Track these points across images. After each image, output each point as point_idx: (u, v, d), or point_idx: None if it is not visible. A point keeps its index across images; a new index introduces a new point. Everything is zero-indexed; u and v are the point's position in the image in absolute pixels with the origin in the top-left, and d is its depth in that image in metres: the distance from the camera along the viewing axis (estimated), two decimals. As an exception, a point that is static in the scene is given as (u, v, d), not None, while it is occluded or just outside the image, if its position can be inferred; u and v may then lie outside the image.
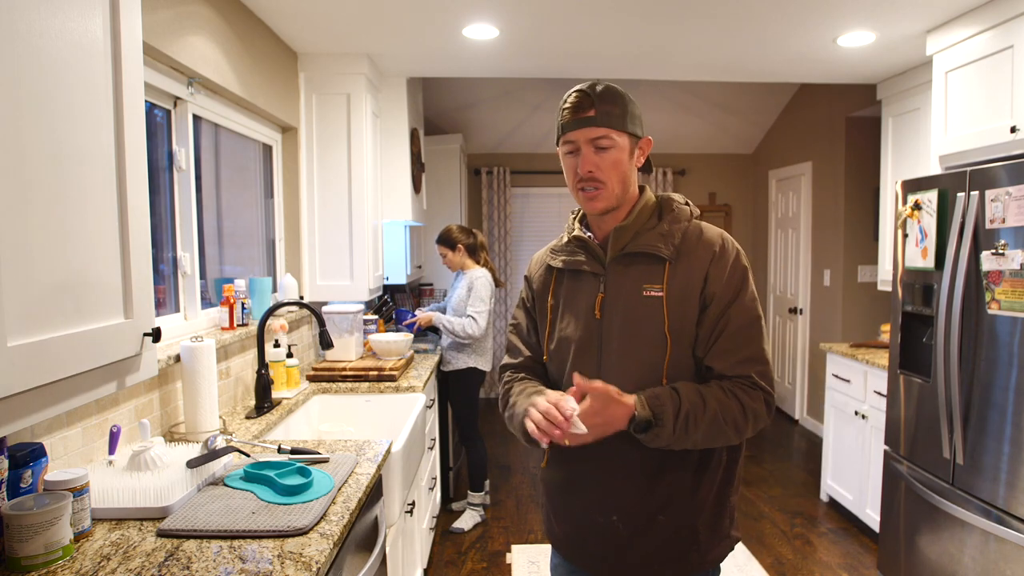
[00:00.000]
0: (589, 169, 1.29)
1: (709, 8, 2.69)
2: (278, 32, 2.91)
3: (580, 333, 1.36)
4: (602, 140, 1.28)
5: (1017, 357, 2.11)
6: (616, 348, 1.31)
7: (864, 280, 4.68)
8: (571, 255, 1.41)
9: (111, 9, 1.18)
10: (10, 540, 1.17)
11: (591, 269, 1.37)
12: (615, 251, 1.35)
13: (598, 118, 1.28)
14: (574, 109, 1.30)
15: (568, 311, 1.40)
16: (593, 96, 1.29)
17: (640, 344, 1.29)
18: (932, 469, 2.51)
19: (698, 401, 1.23)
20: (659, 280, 1.31)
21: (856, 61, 3.38)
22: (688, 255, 1.32)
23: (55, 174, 1.03)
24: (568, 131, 1.31)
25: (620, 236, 1.35)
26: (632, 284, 1.32)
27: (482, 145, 6.08)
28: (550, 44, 3.16)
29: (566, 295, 1.41)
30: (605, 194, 1.31)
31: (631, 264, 1.33)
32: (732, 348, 1.28)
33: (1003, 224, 2.15)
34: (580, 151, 1.30)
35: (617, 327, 1.32)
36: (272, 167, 3.14)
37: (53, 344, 1.01)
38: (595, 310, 1.35)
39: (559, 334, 1.40)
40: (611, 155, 1.29)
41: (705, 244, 1.33)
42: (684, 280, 1.30)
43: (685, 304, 1.29)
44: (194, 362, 1.95)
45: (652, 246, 1.32)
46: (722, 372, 1.29)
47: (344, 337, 3.17)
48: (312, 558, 1.23)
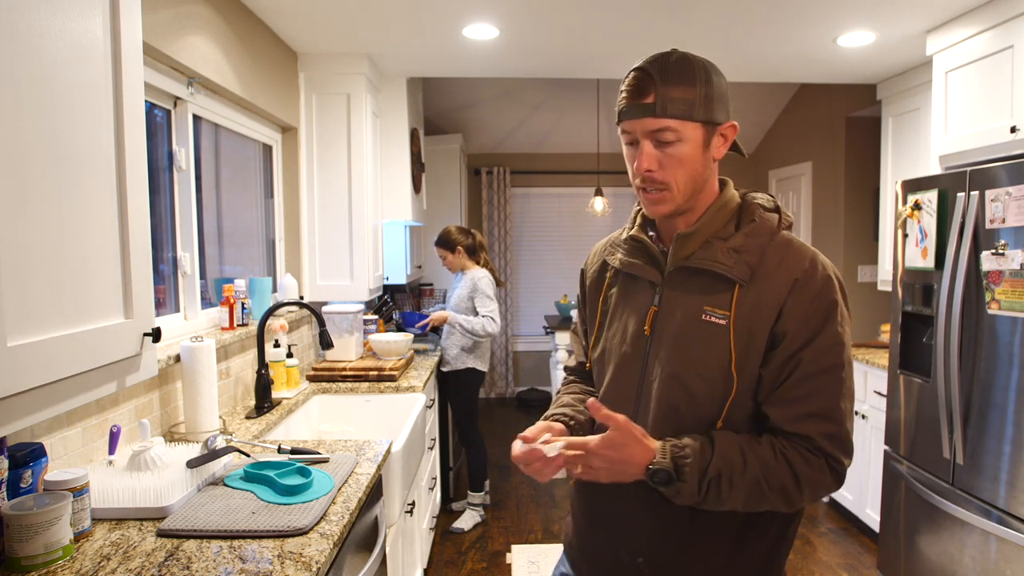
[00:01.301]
0: (648, 167, 1.07)
1: (709, 8, 2.69)
2: (278, 32, 2.91)
3: (626, 347, 1.17)
4: (664, 134, 1.05)
5: (1017, 357, 2.11)
6: (663, 375, 1.11)
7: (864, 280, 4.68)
8: (628, 255, 1.21)
9: (111, 9, 1.18)
10: (10, 540, 1.17)
11: (647, 276, 1.16)
12: (676, 261, 1.13)
13: (658, 106, 1.04)
14: (631, 92, 1.07)
15: (618, 318, 1.20)
16: (655, 76, 1.04)
17: (693, 378, 1.08)
18: (932, 469, 2.51)
19: (736, 460, 1.02)
20: (725, 305, 1.07)
21: (856, 61, 3.38)
22: (765, 279, 1.07)
23: (55, 174, 1.03)
24: (624, 119, 1.08)
25: (683, 244, 1.12)
26: (691, 303, 1.10)
27: (482, 145, 6.08)
28: (550, 44, 3.16)
29: (619, 298, 1.22)
30: (669, 197, 1.09)
31: (693, 279, 1.11)
32: (796, 398, 1.04)
33: (1003, 224, 2.15)
34: (638, 144, 1.08)
35: (667, 351, 1.11)
36: (272, 167, 3.14)
37: (53, 344, 1.01)
38: (645, 325, 1.14)
39: (604, 342, 1.23)
40: (677, 150, 1.06)
41: (787, 267, 1.07)
42: (754, 309, 1.06)
43: (752, 338, 1.06)
44: (194, 362, 1.95)
45: (718, 263, 1.08)
46: (778, 425, 1.06)
47: (344, 337, 3.17)
48: (312, 558, 1.23)
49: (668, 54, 1.07)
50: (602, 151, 6.00)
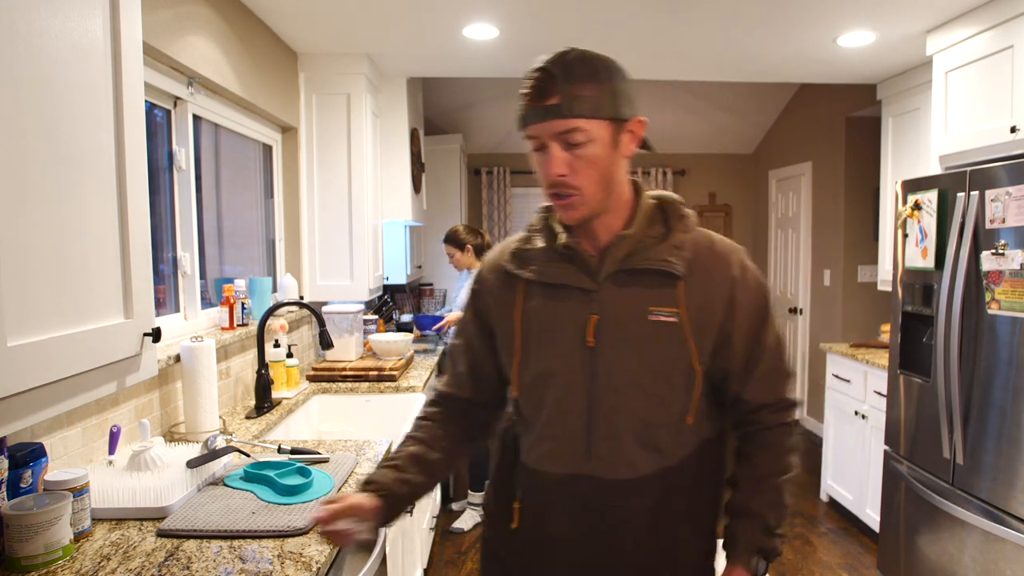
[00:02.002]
0: (559, 172, 1.03)
1: (709, 8, 2.68)
2: (278, 32, 2.91)
3: (565, 364, 1.11)
4: (572, 135, 1.01)
5: (1017, 357, 2.11)
6: (617, 384, 1.09)
7: (864, 280, 4.68)
8: (550, 264, 1.13)
9: (111, 9, 1.18)
10: (10, 540, 1.17)
11: (579, 284, 1.10)
12: (615, 265, 1.10)
13: (564, 106, 1.00)
14: (534, 94, 1.02)
15: (547, 334, 1.12)
16: (558, 75, 1.00)
17: (653, 380, 1.09)
18: (932, 469, 2.51)
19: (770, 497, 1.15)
20: (670, 302, 1.08)
21: (856, 61, 3.38)
22: (704, 272, 1.10)
23: (55, 174, 1.03)
24: (528, 123, 1.04)
25: (621, 246, 1.10)
26: (635, 305, 1.09)
27: (482, 145, 6.08)
28: (550, 44, 3.12)
29: (543, 314, 1.13)
30: (581, 201, 1.05)
31: (632, 281, 1.09)
32: (767, 373, 1.15)
33: (1003, 224, 2.15)
34: (547, 148, 1.04)
35: (616, 359, 1.09)
36: (272, 167, 3.14)
37: (53, 344, 1.01)
38: (587, 336, 1.09)
39: (535, 365, 1.13)
40: (586, 151, 1.02)
41: (721, 260, 1.12)
42: (703, 304, 1.09)
43: (706, 330, 1.10)
44: (194, 362, 1.95)
45: (665, 261, 1.08)
46: (760, 401, 1.16)
47: (344, 337, 3.17)
48: (312, 558, 1.23)
49: (566, 52, 1.03)
50: (602, 151, 6.00)
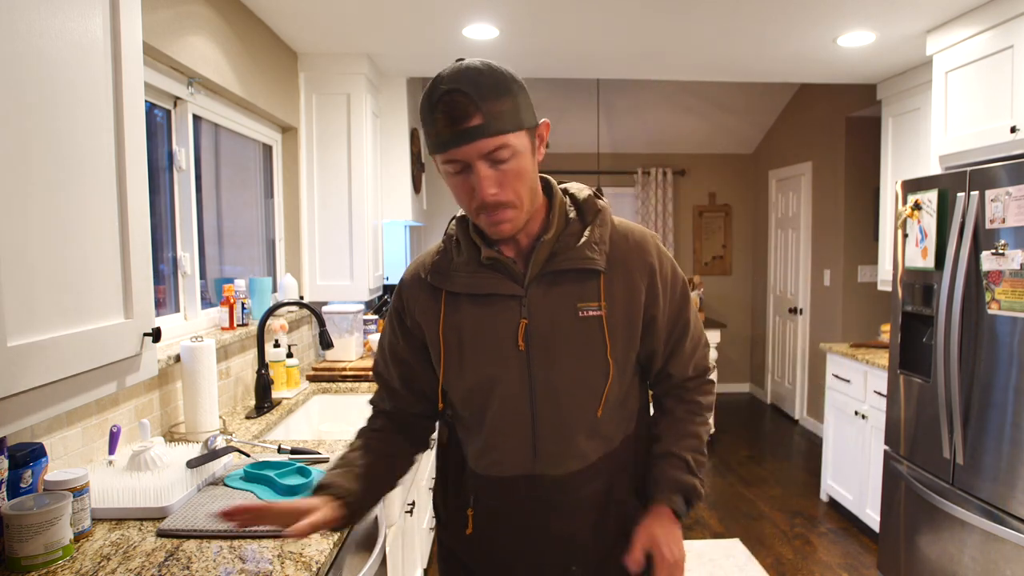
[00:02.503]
0: (492, 191, 1.00)
1: (709, 8, 2.69)
2: (278, 32, 2.91)
3: (502, 371, 1.11)
4: (500, 152, 0.99)
5: (1017, 357, 2.11)
6: (554, 381, 1.10)
7: (864, 280, 4.68)
8: (472, 275, 1.12)
9: (111, 9, 1.18)
10: (10, 540, 1.17)
11: (507, 291, 1.10)
12: (537, 267, 1.10)
13: (488, 125, 0.97)
14: (451, 118, 0.97)
15: (477, 343, 1.12)
16: (474, 95, 0.97)
17: (583, 373, 1.11)
18: (932, 469, 2.51)
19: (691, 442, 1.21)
20: (594, 296, 1.10)
21: (856, 61, 3.38)
22: (623, 263, 1.12)
23: (55, 174, 1.03)
24: (449, 148, 0.99)
25: (543, 251, 1.10)
26: (563, 305, 1.10)
27: (482, 145, 6.07)
28: (550, 44, 3.16)
29: (471, 323, 1.12)
30: (514, 215, 1.04)
31: (558, 281, 1.10)
32: (689, 350, 1.22)
33: (1003, 224, 2.15)
34: (471, 169, 1.00)
35: (551, 357, 1.10)
36: (272, 167, 3.14)
37: (53, 344, 1.01)
38: (517, 340, 1.09)
39: (471, 376, 1.13)
40: (513, 165, 1.01)
41: (637, 249, 1.15)
42: (624, 294, 1.11)
43: (628, 321, 1.12)
44: (194, 362, 1.95)
45: (588, 259, 1.09)
46: (683, 374, 1.24)
47: (344, 337, 3.17)
48: (312, 558, 1.23)
49: (465, 68, 0.99)
50: (602, 151, 6.00)
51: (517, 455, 1.14)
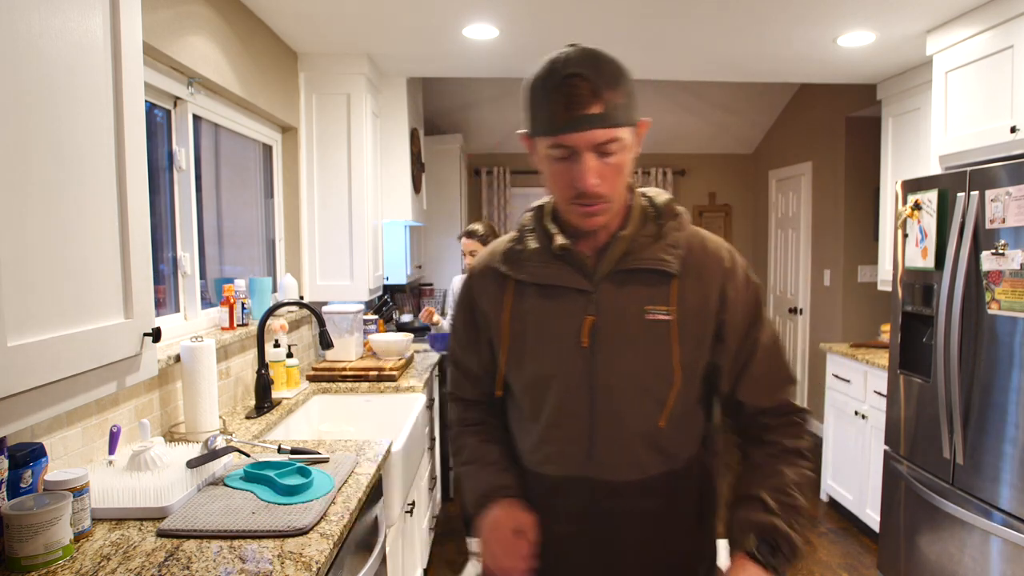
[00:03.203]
0: (594, 182, 0.99)
1: (710, 8, 2.68)
2: (278, 32, 2.91)
3: (563, 366, 1.09)
4: (610, 145, 0.97)
5: (1017, 357, 2.11)
6: (616, 383, 1.07)
7: (864, 280, 4.68)
8: (543, 265, 1.11)
9: (111, 9, 1.18)
10: (10, 540, 1.17)
11: (575, 285, 1.09)
12: (611, 265, 1.08)
13: (608, 115, 0.95)
14: (570, 103, 0.95)
15: (541, 336, 1.11)
16: (598, 82, 0.95)
17: (647, 379, 1.07)
18: (932, 469, 2.51)
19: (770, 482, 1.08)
20: (665, 300, 1.06)
21: (856, 61, 3.38)
22: (697, 269, 1.09)
23: (55, 174, 1.03)
24: (564, 132, 0.96)
25: (618, 247, 1.09)
26: (632, 305, 1.07)
27: (482, 145, 6.08)
28: (550, 44, 3.13)
29: (535, 316, 1.11)
30: (607, 208, 1.04)
31: (629, 281, 1.08)
32: (763, 373, 1.12)
33: (1003, 224, 2.15)
34: (577, 157, 0.98)
35: (615, 358, 1.07)
36: (272, 167, 3.14)
37: (53, 344, 1.01)
38: (582, 337, 1.07)
39: (531, 367, 1.12)
40: (618, 159, 1.00)
41: (713, 257, 1.11)
42: (696, 300, 1.08)
43: (699, 329, 1.08)
44: (194, 362, 1.95)
45: (659, 260, 1.07)
46: (757, 405, 1.13)
47: (344, 337, 3.17)
48: (312, 558, 1.23)
49: (587, 53, 0.98)
50: (602, 151, 6.00)
51: (572, 454, 1.11)
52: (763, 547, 1.03)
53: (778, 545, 1.03)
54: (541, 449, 1.15)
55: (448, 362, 1.29)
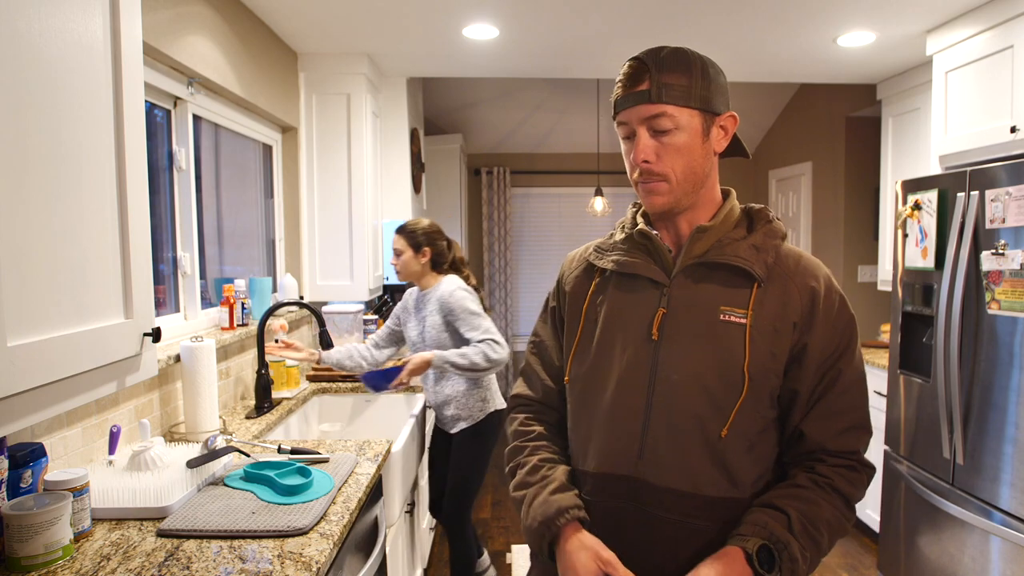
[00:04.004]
0: (645, 158, 1.03)
1: (709, 8, 2.69)
2: (278, 32, 2.91)
3: (627, 357, 1.07)
4: (661, 119, 1.01)
5: (1017, 357, 2.11)
6: (677, 382, 1.04)
7: (864, 280, 4.68)
8: (626, 254, 1.12)
9: (111, 9, 1.18)
10: (10, 540, 1.17)
11: (651, 276, 1.08)
12: (690, 257, 1.07)
13: (653, 92, 1.01)
14: (626, 81, 1.04)
15: (611, 326, 1.10)
16: (650, 64, 1.02)
17: (711, 381, 1.02)
18: (932, 469, 2.51)
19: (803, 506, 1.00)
20: (743, 303, 1.03)
21: (856, 61, 3.38)
22: (783, 280, 1.05)
23: (55, 174, 1.03)
24: (620, 110, 1.05)
25: (701, 240, 1.07)
26: (706, 302, 1.04)
27: (482, 145, 6.08)
28: (550, 44, 3.16)
29: (611, 305, 1.11)
30: (667, 188, 1.04)
31: (707, 277, 1.06)
32: (838, 411, 1.04)
33: (1003, 224, 2.15)
34: (636, 134, 1.04)
35: (680, 355, 1.04)
36: (272, 167, 3.14)
37: (53, 344, 1.01)
38: (651, 329, 1.06)
39: (595, 354, 1.11)
40: (674, 138, 1.02)
41: (806, 273, 1.06)
42: (776, 310, 1.03)
43: (773, 340, 1.02)
44: (194, 362, 1.95)
45: (741, 259, 1.04)
46: (820, 443, 1.04)
47: (344, 337, 3.17)
48: (312, 558, 1.23)
49: (661, 47, 1.05)
50: (602, 151, 6.00)
51: (621, 450, 1.07)
52: (763, 555, 0.97)
53: (780, 563, 0.97)
54: (592, 442, 1.11)
55: (526, 355, 1.28)
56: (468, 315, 2.37)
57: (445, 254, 2.56)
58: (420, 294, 2.56)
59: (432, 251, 2.51)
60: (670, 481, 1.04)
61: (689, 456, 1.03)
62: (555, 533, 1.06)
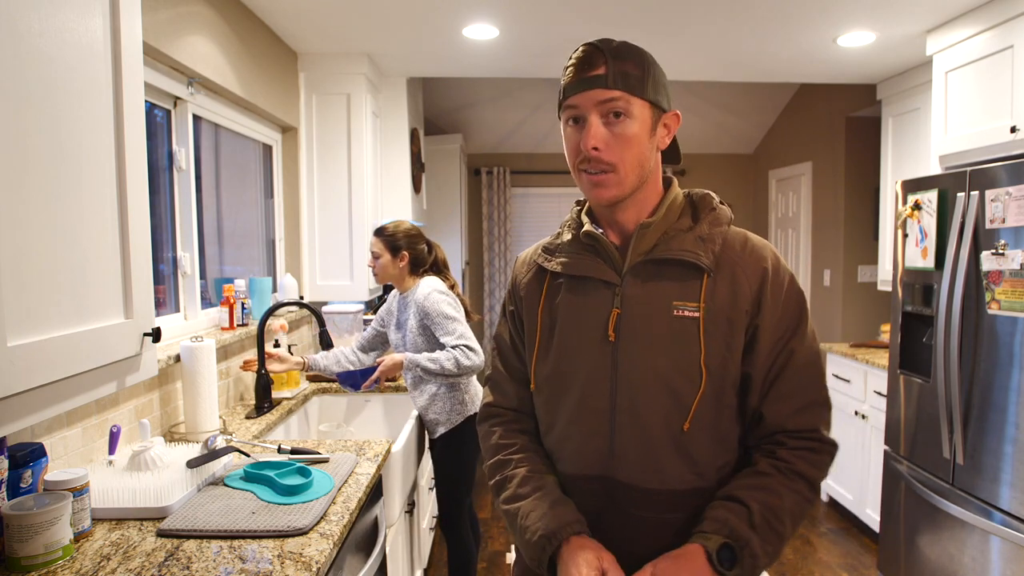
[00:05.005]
0: (595, 145, 1.00)
1: (709, 8, 2.69)
2: (278, 32, 2.91)
3: (587, 359, 1.07)
4: (615, 104, 0.99)
5: (1017, 357, 2.11)
6: (638, 381, 1.04)
7: (864, 280, 4.68)
8: (574, 256, 1.11)
9: (111, 9, 1.18)
10: (10, 540, 1.17)
11: (602, 276, 1.08)
12: (638, 255, 1.06)
13: (610, 78, 0.99)
14: (580, 65, 1.02)
15: (568, 330, 1.10)
16: (606, 51, 1.01)
17: (671, 377, 1.03)
18: (932, 469, 2.51)
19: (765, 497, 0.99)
20: (694, 296, 1.03)
21: (856, 61, 3.38)
22: (731, 267, 1.04)
23: (55, 174, 1.03)
24: (571, 94, 1.02)
25: (646, 236, 1.06)
26: (659, 299, 1.04)
27: (482, 145, 6.08)
28: (550, 44, 3.16)
29: (565, 308, 1.11)
30: (615, 180, 1.02)
31: (657, 274, 1.05)
32: (793, 391, 1.04)
33: (1003, 224, 2.15)
34: (585, 120, 1.01)
35: (639, 354, 1.04)
36: (272, 167, 3.14)
37: (53, 344, 1.01)
38: (608, 330, 1.05)
39: (555, 360, 1.11)
40: (626, 127, 1.00)
41: (753, 256, 1.05)
42: (727, 298, 1.03)
43: (729, 329, 1.03)
44: (194, 362, 1.95)
45: (689, 252, 1.04)
46: (779, 423, 1.04)
47: (344, 337, 3.17)
48: (312, 558, 1.23)
49: (610, 39, 1.04)
50: (602, 151, 6.00)
51: (592, 450, 1.08)
52: (725, 554, 0.96)
53: (741, 560, 0.96)
54: (565, 446, 1.12)
55: (490, 365, 1.25)
56: (443, 319, 2.34)
57: (424, 258, 2.51)
58: (400, 297, 2.53)
59: (411, 255, 2.47)
60: (640, 480, 1.05)
61: (656, 453, 1.04)
62: (556, 546, 1.03)
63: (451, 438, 2.46)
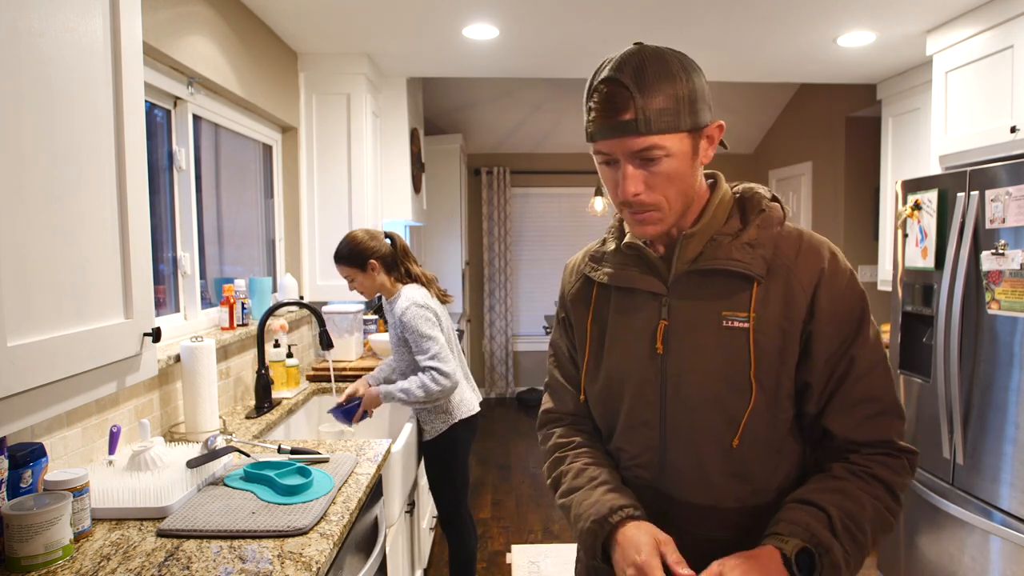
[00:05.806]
0: (635, 192, 0.93)
1: (709, 8, 2.69)
2: (278, 32, 2.91)
3: (636, 372, 1.03)
4: (650, 152, 0.91)
5: (1017, 357, 2.11)
6: (687, 395, 0.99)
7: (864, 280, 4.68)
8: (619, 267, 1.07)
9: (111, 9, 1.18)
10: (10, 540, 1.17)
11: (648, 288, 1.03)
12: (683, 264, 1.01)
13: (640, 122, 0.89)
14: (604, 108, 0.91)
15: (617, 341, 1.06)
16: (632, 87, 0.89)
17: (720, 391, 0.97)
18: (932, 469, 2.51)
19: (845, 503, 0.92)
20: (744, 306, 0.97)
21: (856, 61, 3.38)
22: (785, 272, 0.97)
23: (55, 174, 1.03)
24: (599, 139, 0.93)
25: (690, 244, 1.00)
26: (707, 310, 0.99)
27: (482, 145, 6.08)
28: (550, 44, 3.16)
29: (614, 319, 1.07)
30: (659, 217, 0.96)
31: (704, 283, 1.00)
32: (858, 400, 0.96)
33: (1003, 224, 2.15)
34: (619, 163, 0.94)
35: (688, 366, 0.99)
36: (272, 167, 3.14)
37: (53, 344, 1.01)
38: (656, 342, 1.01)
39: (605, 371, 1.07)
40: (665, 167, 0.92)
41: (808, 257, 0.98)
42: (780, 306, 0.96)
43: (782, 340, 0.96)
44: (194, 362, 1.95)
45: (736, 260, 0.97)
46: (846, 437, 0.97)
47: (344, 337, 3.17)
48: (312, 558, 1.23)
49: (635, 54, 0.91)
50: (602, 151, 6.01)
51: (646, 463, 1.05)
52: (803, 559, 0.89)
53: (821, 570, 0.88)
54: (618, 455, 1.10)
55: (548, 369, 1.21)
56: (417, 336, 2.32)
57: (391, 253, 2.45)
58: (387, 304, 2.52)
59: (378, 260, 2.41)
60: (691, 496, 1.02)
61: (706, 469, 1.00)
62: (608, 531, 0.97)
63: (435, 446, 2.48)
